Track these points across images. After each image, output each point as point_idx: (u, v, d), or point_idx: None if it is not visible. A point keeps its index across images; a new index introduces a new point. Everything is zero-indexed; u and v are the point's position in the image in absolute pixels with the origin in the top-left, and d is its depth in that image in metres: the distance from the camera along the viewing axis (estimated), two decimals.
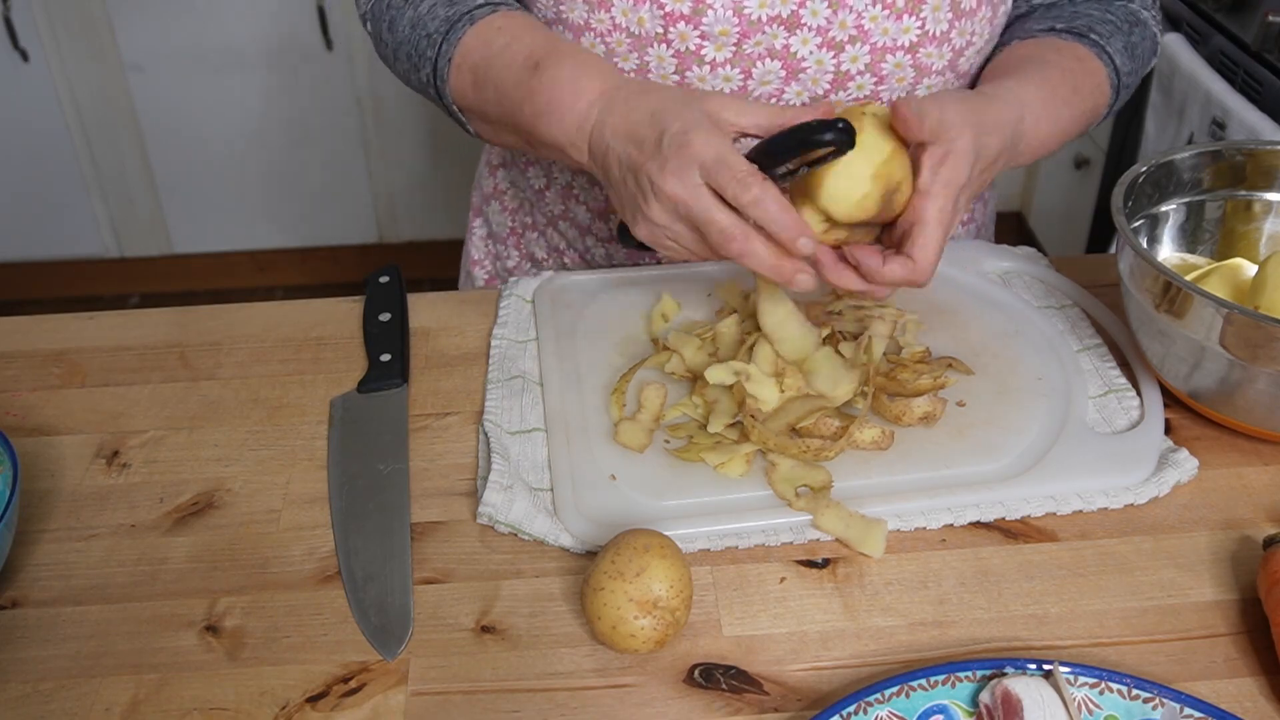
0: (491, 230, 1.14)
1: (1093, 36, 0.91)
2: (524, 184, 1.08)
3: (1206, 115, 1.75)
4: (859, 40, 0.85)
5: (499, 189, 1.13)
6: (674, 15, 0.84)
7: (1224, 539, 0.71)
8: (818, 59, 0.86)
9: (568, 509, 0.73)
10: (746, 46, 0.86)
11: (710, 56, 0.86)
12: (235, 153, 2.70)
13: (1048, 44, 0.91)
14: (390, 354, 0.86)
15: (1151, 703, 0.59)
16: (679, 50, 0.86)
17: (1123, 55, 0.93)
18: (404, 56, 0.89)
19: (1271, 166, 0.85)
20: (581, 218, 1.04)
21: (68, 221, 2.75)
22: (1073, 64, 0.88)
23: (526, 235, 1.11)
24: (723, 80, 0.87)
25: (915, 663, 0.64)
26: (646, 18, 0.84)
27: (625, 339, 0.88)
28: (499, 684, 0.63)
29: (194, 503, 0.76)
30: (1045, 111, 0.83)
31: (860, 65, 0.87)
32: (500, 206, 1.13)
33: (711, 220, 0.71)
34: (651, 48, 0.86)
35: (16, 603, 0.69)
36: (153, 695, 0.63)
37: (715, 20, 0.84)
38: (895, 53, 0.86)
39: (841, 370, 0.78)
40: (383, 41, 0.92)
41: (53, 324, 0.94)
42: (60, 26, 2.48)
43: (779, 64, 0.87)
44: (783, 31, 0.85)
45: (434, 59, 0.85)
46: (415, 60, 0.87)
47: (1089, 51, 0.90)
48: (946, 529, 0.72)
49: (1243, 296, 0.79)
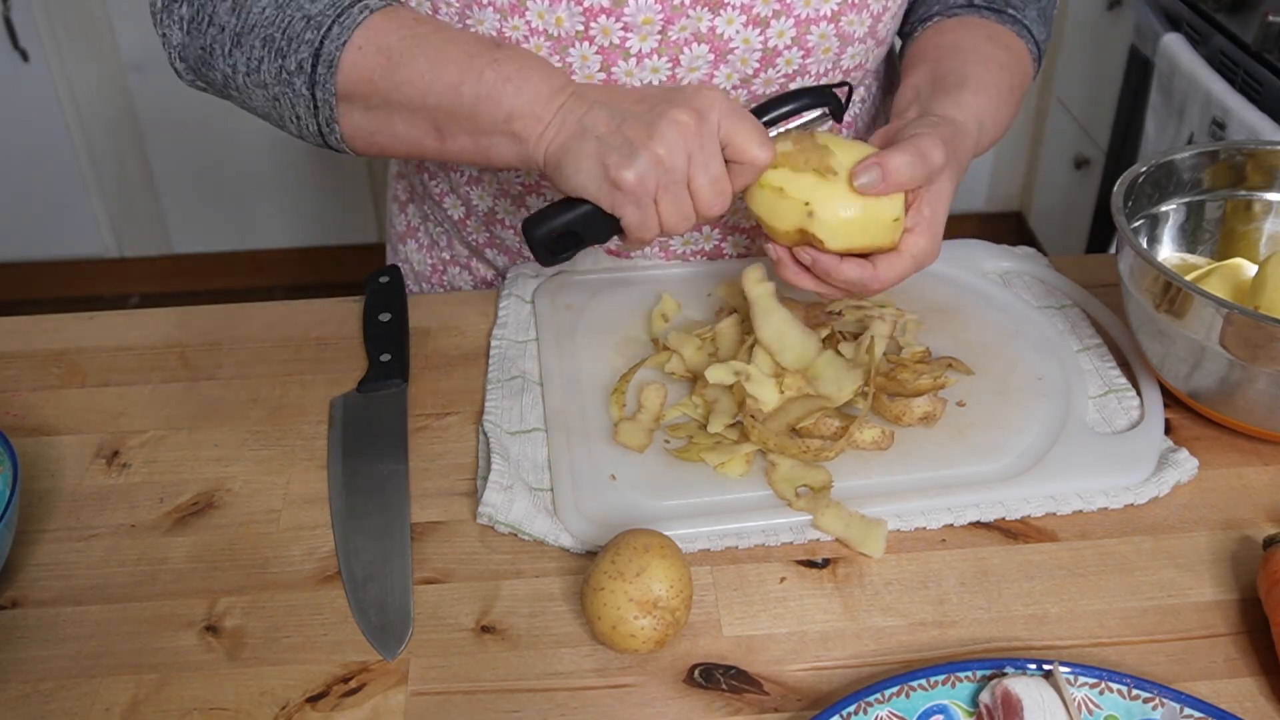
0: (414, 269, 1.10)
1: (1010, 11, 0.93)
2: (439, 216, 1.04)
3: (1206, 115, 1.75)
4: (783, 14, 0.84)
5: (411, 226, 1.08)
6: (594, 10, 0.82)
7: (1224, 539, 0.71)
8: (744, 37, 0.85)
9: (568, 509, 0.73)
10: (671, 33, 0.84)
11: (635, 48, 0.84)
12: (235, 153, 2.70)
13: (977, 29, 0.91)
14: (390, 354, 0.86)
15: (1151, 703, 0.59)
16: (602, 46, 0.83)
17: (1038, 24, 0.94)
18: (256, 42, 0.79)
19: (1271, 166, 0.85)
20: (510, 241, 1.01)
21: (68, 221, 2.75)
22: (1005, 56, 0.89)
23: (449, 271, 1.07)
24: (650, 71, 0.85)
25: (915, 663, 0.64)
26: (565, 17, 0.82)
27: (625, 339, 0.88)
28: (499, 684, 0.64)
29: (194, 503, 0.76)
30: (992, 121, 0.86)
31: (787, 40, 0.86)
32: (416, 245, 1.09)
33: (718, 167, 0.73)
34: (574, 47, 0.83)
35: (16, 603, 0.69)
36: (153, 695, 0.63)
37: (637, 10, 0.82)
38: (819, 23, 0.85)
39: (845, 372, 0.78)
40: (213, 25, 0.80)
41: (53, 324, 0.94)
42: (60, 26, 2.48)
43: (706, 47, 0.85)
44: (707, 13, 0.84)
45: (316, 41, 0.77)
46: (280, 44, 0.78)
47: (1012, 33, 0.92)
48: (946, 529, 0.72)
49: (1243, 296, 0.79)
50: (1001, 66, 0.88)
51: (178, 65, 0.86)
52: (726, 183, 0.73)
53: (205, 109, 2.60)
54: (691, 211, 0.74)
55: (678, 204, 0.73)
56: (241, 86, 0.81)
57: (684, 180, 0.73)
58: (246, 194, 2.77)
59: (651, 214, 0.74)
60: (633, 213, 0.73)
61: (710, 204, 0.73)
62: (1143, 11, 2.06)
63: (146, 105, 2.60)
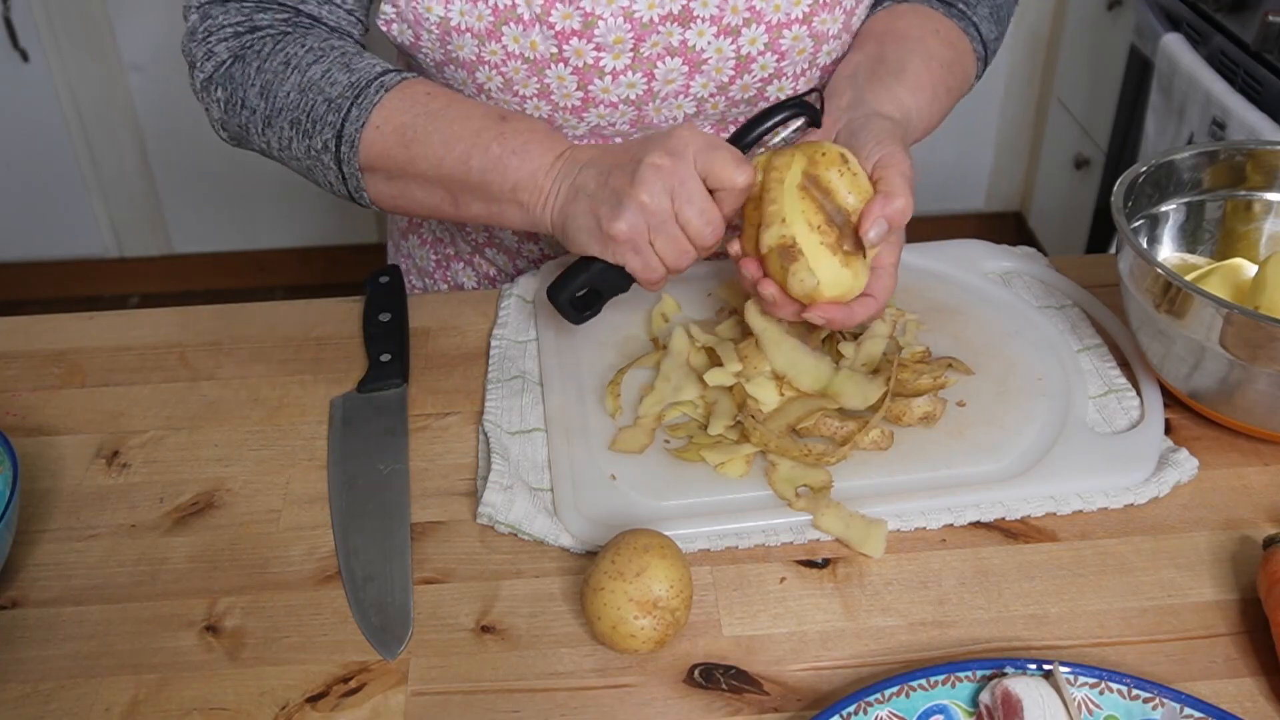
0: (416, 264, 1.12)
1: (960, 6, 0.94)
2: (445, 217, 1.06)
3: (1206, 115, 1.75)
4: (754, 21, 0.85)
5: (414, 222, 1.10)
6: (565, 33, 0.84)
7: (1224, 539, 0.71)
8: (717, 48, 0.86)
9: (568, 509, 0.73)
10: (644, 49, 0.85)
11: (609, 67, 0.86)
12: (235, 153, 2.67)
13: (926, 21, 0.91)
14: (390, 354, 0.86)
15: (1151, 703, 0.59)
16: (577, 67, 0.85)
17: (988, 23, 0.95)
18: (285, 124, 0.85)
19: (1271, 166, 0.85)
20: (508, 241, 1.03)
21: (68, 221, 2.75)
22: (948, 55, 0.90)
23: (452, 266, 1.09)
24: (626, 87, 0.87)
25: (915, 663, 0.64)
26: (539, 40, 0.84)
27: (625, 339, 0.88)
28: (499, 684, 0.64)
29: (194, 503, 0.76)
30: (920, 121, 0.88)
31: (759, 46, 0.87)
32: (419, 240, 1.10)
33: (702, 200, 0.75)
34: (550, 69, 0.86)
35: (16, 603, 0.69)
36: (153, 695, 0.63)
37: (608, 30, 0.84)
38: (791, 26, 0.86)
39: (865, 384, 0.78)
40: (245, 108, 0.87)
41: (53, 324, 0.94)
42: (60, 26, 2.48)
43: (679, 60, 0.86)
44: (677, 28, 0.85)
45: (338, 124, 0.83)
46: (305, 126, 0.84)
47: (960, 31, 0.93)
48: (946, 529, 0.72)
49: (1243, 296, 0.79)
50: (942, 66, 0.90)
51: (221, 134, 0.93)
52: (713, 211, 0.76)
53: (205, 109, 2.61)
54: (688, 246, 0.77)
55: (673, 242, 0.76)
56: (278, 157, 0.89)
57: (672, 218, 0.76)
58: (246, 194, 2.77)
59: (651, 257, 0.77)
60: (633, 259, 0.77)
61: (701, 233, 0.76)
62: (1143, 11, 2.06)
63: (146, 105, 2.60)
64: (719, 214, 0.76)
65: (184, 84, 0.90)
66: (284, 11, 0.88)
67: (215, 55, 0.88)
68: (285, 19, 0.88)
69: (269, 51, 0.86)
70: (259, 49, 0.87)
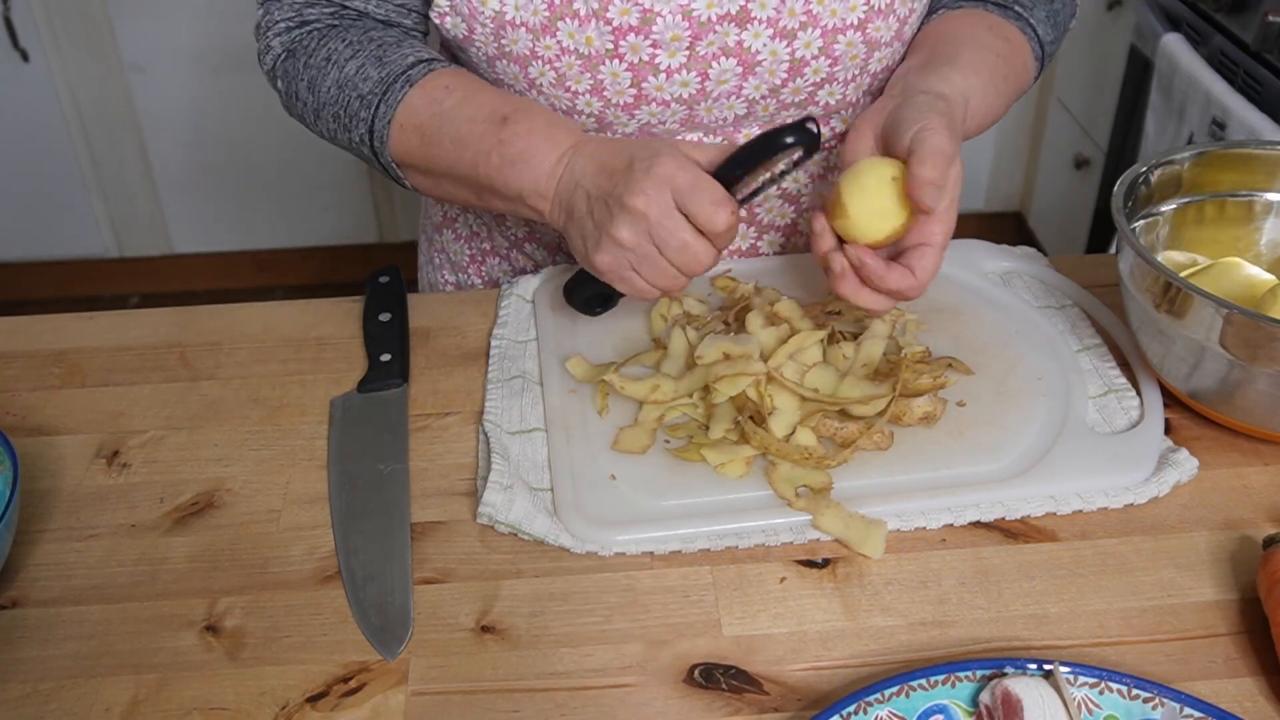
0: (450, 259, 1.11)
1: (1017, 9, 0.93)
2: (479, 209, 1.06)
3: (1206, 115, 1.75)
4: (810, 25, 0.85)
5: (449, 216, 1.10)
6: (623, 29, 0.84)
7: (1224, 539, 0.71)
8: (772, 50, 0.86)
9: (568, 509, 0.73)
10: (700, 48, 0.85)
11: (664, 64, 0.86)
12: (235, 153, 2.70)
13: (978, 19, 0.91)
14: (390, 354, 0.86)
15: (1151, 703, 0.59)
16: (632, 63, 0.85)
17: (1045, 25, 0.94)
18: (329, 117, 0.89)
19: (1271, 166, 0.85)
20: (549, 237, 1.02)
21: (68, 221, 2.75)
22: (1003, 47, 0.90)
23: (488, 261, 1.08)
24: (680, 85, 0.87)
25: (915, 663, 0.64)
26: (595, 36, 0.84)
27: (625, 339, 0.88)
28: (499, 684, 0.64)
29: (194, 503, 0.76)
30: (980, 102, 0.86)
31: (814, 50, 0.87)
32: (454, 234, 1.10)
33: (681, 239, 0.75)
34: (604, 65, 0.85)
35: (16, 603, 0.69)
36: (153, 695, 0.63)
37: (666, 27, 0.84)
38: (846, 32, 0.86)
39: (871, 390, 0.78)
40: (299, 100, 0.91)
41: (53, 324, 0.94)
42: (60, 26, 2.48)
43: (734, 60, 0.86)
44: (734, 28, 0.85)
45: (369, 120, 0.85)
46: (345, 120, 0.87)
47: (1015, 28, 0.92)
48: (946, 529, 0.72)
49: (1240, 295, 0.79)
50: (997, 55, 0.89)
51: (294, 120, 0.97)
52: (698, 246, 0.76)
53: (205, 109, 2.61)
54: (676, 273, 0.77)
55: (658, 272, 0.78)
56: (334, 144, 0.93)
57: (655, 253, 0.77)
58: (246, 194, 2.77)
59: (639, 282, 0.78)
60: (620, 284, 0.79)
61: (688, 267, 0.77)
62: (1143, 11, 2.06)
63: (146, 105, 2.60)
64: (704, 248, 0.76)
65: (184, 84, 0.91)
66: (331, 6, 0.90)
67: (272, 49, 0.92)
68: (332, 13, 0.90)
69: (314, 47, 0.89)
70: (306, 44, 0.90)
